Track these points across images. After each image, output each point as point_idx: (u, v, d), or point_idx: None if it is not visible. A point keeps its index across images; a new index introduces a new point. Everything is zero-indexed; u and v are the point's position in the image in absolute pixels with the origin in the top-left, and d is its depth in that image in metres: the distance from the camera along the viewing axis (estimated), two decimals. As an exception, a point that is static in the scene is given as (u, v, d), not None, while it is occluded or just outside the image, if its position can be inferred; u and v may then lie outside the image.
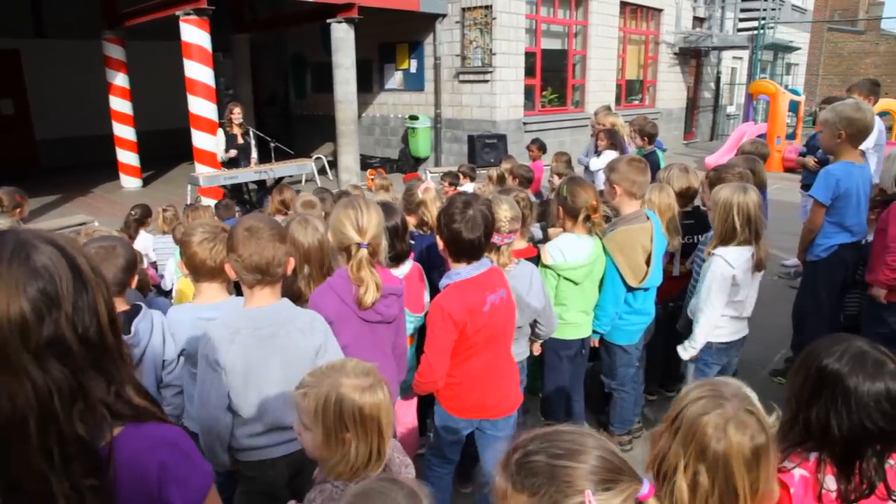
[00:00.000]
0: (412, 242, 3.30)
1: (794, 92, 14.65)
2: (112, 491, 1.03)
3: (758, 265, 3.06)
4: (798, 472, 1.54)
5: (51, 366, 0.98)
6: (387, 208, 2.81)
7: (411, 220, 3.45)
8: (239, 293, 2.45)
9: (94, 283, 1.06)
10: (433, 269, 3.01)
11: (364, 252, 2.36)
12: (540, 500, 1.09)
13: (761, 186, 4.26)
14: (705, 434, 1.34)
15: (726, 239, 3.03)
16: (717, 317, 3.09)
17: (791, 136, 14.04)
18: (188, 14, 8.96)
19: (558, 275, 3.09)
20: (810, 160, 5.74)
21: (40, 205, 10.02)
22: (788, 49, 21.57)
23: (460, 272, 2.48)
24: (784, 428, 1.58)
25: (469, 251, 2.47)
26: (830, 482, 1.53)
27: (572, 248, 3.08)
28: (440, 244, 2.55)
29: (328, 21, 10.73)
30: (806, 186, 5.62)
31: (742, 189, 3.00)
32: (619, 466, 1.10)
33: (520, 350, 3.03)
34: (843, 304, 4.19)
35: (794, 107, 13.98)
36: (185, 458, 1.15)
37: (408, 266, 2.94)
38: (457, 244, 2.46)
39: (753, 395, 1.42)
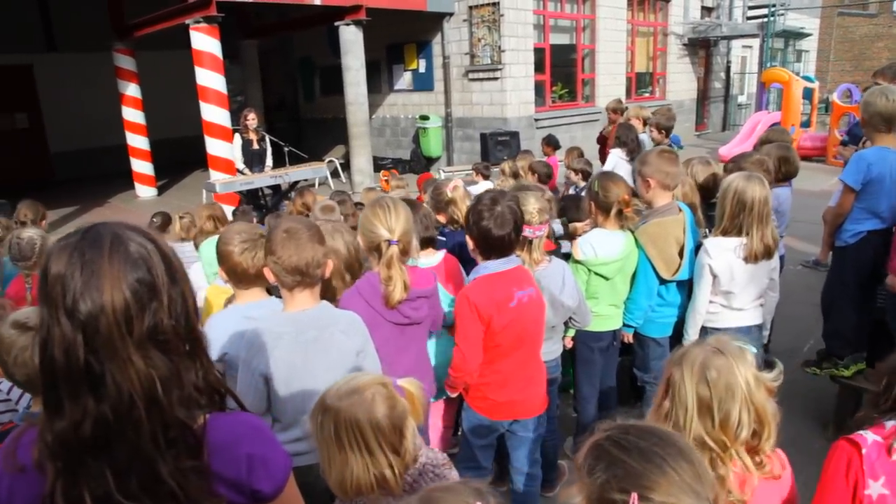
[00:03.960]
0: (443, 239, 3.29)
1: (808, 79, 14.51)
2: (209, 472, 1.07)
3: (752, 255, 2.96)
4: (871, 437, 1.54)
5: (152, 354, 1.03)
6: (410, 203, 2.81)
7: (441, 219, 3.45)
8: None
9: (181, 272, 1.10)
10: (465, 264, 3.00)
11: (395, 249, 2.35)
12: (591, 483, 1.09)
13: (794, 173, 4.20)
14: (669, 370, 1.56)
15: (721, 225, 3.01)
16: (701, 304, 3.13)
17: (806, 124, 13.90)
18: (198, 22, 9.00)
19: (589, 270, 3.07)
20: (849, 151, 5.67)
21: (58, 216, 10.09)
22: (799, 36, 21.38)
23: (488, 266, 2.49)
24: (873, 400, 1.64)
25: (499, 248, 2.47)
26: None
27: (604, 243, 3.06)
28: (470, 244, 2.54)
29: (336, 24, 10.74)
30: None
31: (745, 177, 2.96)
32: (687, 485, 1.05)
33: (554, 348, 3.02)
34: (874, 296, 4.12)
35: (808, 94, 13.85)
36: (269, 442, 1.19)
37: (440, 255, 2.95)
38: (487, 241, 2.45)
39: (746, 348, 1.57)
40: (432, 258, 2.94)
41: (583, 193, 4.60)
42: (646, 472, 1.06)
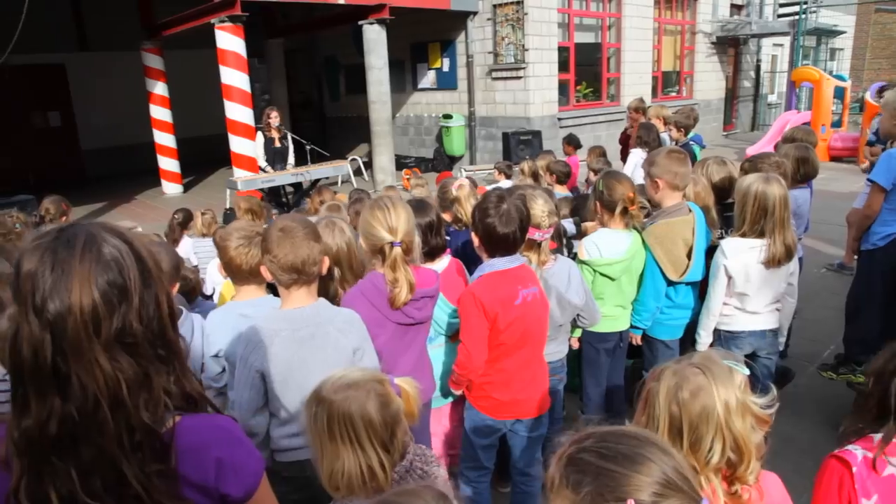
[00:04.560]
0: (447, 238, 3.28)
1: (840, 78, 14.16)
2: (176, 475, 1.07)
3: (773, 259, 2.89)
4: (861, 453, 1.50)
5: (119, 356, 1.02)
6: (420, 205, 2.80)
7: (446, 217, 3.44)
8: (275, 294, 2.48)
9: (156, 276, 1.09)
10: (469, 263, 2.99)
11: (398, 250, 2.34)
12: (581, 499, 1.05)
13: (814, 175, 4.10)
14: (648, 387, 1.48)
15: (742, 229, 2.95)
16: (715, 306, 3.07)
17: (837, 124, 13.57)
18: (223, 21, 9.11)
19: (594, 270, 3.04)
20: (877, 151, 5.54)
21: (87, 212, 10.33)
22: (832, 33, 20.88)
23: (494, 263, 2.48)
24: (858, 406, 1.61)
25: (504, 245, 2.46)
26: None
27: (609, 243, 3.03)
28: (475, 241, 2.54)
29: (360, 23, 10.79)
30: None
31: (764, 179, 2.90)
32: (674, 482, 1.04)
33: (560, 349, 3.00)
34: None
35: (839, 93, 13.52)
36: (240, 446, 1.18)
37: (445, 260, 2.93)
38: (491, 238, 2.45)
39: (736, 369, 1.47)
40: (438, 264, 2.90)
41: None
42: (635, 474, 1.03)
